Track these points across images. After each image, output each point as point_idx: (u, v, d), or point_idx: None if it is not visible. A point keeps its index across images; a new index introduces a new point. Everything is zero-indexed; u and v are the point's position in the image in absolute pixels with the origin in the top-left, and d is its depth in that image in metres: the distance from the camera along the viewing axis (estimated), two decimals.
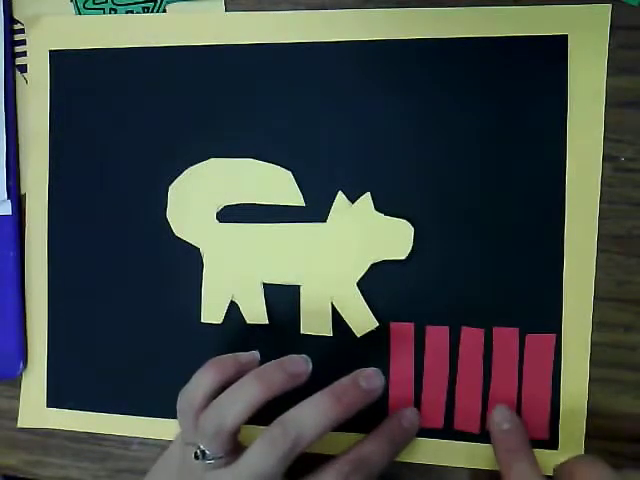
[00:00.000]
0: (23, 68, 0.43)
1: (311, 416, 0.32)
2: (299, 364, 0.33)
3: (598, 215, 0.35)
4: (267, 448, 0.31)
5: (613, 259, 0.36)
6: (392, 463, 0.36)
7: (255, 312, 0.39)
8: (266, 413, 0.32)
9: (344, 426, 0.33)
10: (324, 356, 0.37)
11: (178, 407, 0.35)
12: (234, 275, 0.39)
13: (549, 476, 0.34)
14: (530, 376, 0.36)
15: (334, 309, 0.38)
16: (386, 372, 0.37)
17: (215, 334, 0.40)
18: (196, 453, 0.33)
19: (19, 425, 0.44)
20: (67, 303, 0.42)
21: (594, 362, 0.36)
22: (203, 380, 0.34)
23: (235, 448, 0.33)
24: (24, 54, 0.43)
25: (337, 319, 0.38)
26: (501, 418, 0.36)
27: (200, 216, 0.40)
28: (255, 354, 0.35)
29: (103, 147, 0.42)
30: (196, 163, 0.40)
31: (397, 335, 0.38)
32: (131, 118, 0.41)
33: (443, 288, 0.37)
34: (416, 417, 0.37)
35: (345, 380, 0.34)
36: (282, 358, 0.34)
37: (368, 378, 0.34)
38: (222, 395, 0.33)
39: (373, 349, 0.38)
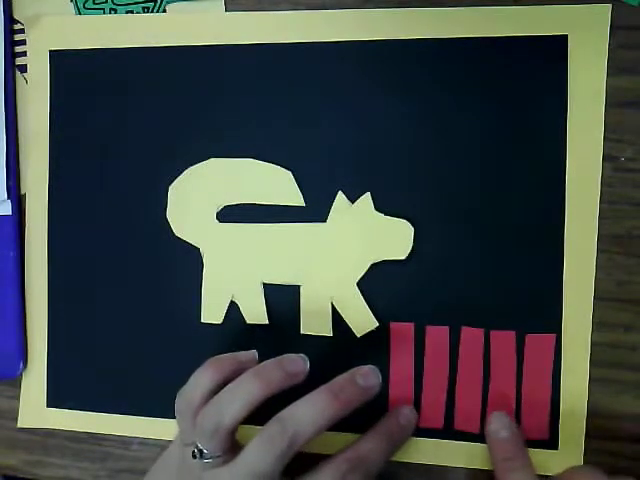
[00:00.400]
0: (23, 68, 0.43)
1: (308, 414, 0.32)
2: (297, 363, 0.33)
3: (598, 215, 0.35)
4: (265, 446, 0.31)
5: (613, 259, 0.36)
6: (392, 463, 0.36)
7: (255, 312, 0.39)
8: (264, 412, 0.32)
9: (343, 426, 0.33)
10: (324, 356, 0.37)
11: (176, 407, 0.35)
12: (234, 275, 0.39)
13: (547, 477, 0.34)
14: (530, 376, 0.36)
15: (334, 309, 0.38)
16: (386, 372, 0.37)
17: (215, 334, 0.40)
18: (194, 452, 0.33)
19: (19, 425, 0.44)
20: (67, 303, 0.42)
21: (594, 362, 0.36)
22: (201, 380, 0.34)
23: (233, 447, 0.33)
24: (24, 54, 0.43)
25: (337, 319, 0.38)
26: (499, 425, 0.35)
27: (200, 216, 0.40)
28: (253, 353, 0.36)
29: (103, 147, 0.42)
30: (196, 163, 0.40)
31: (397, 335, 0.38)
32: (131, 118, 0.41)
33: (443, 288, 0.37)
34: (413, 415, 0.37)
35: (342, 378, 0.34)
36: (280, 357, 0.34)
37: (365, 376, 0.34)
38: (220, 393, 0.33)
39: (373, 349, 0.38)
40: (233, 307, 0.40)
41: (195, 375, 0.34)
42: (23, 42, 0.43)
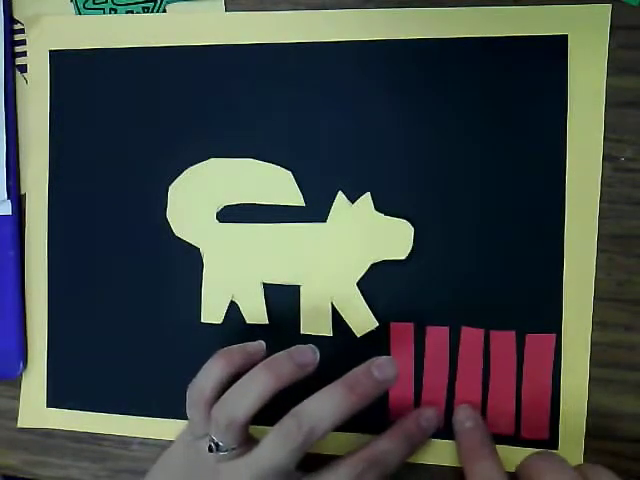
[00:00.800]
0: (23, 68, 0.43)
1: (324, 408, 0.32)
2: (307, 354, 0.34)
3: (598, 215, 0.35)
4: (281, 440, 0.32)
5: (613, 259, 0.36)
6: None
7: (255, 312, 0.39)
8: (273, 410, 0.32)
9: (344, 426, 0.33)
10: (324, 356, 0.37)
11: (188, 398, 0.35)
12: (234, 275, 0.39)
13: (512, 473, 0.34)
14: (530, 376, 0.36)
15: (334, 309, 0.38)
16: None
17: (215, 334, 0.40)
18: (210, 446, 0.33)
19: (19, 425, 0.44)
20: (67, 303, 0.42)
21: (594, 362, 0.36)
22: (212, 371, 0.34)
23: (247, 439, 0.34)
24: (24, 54, 0.43)
25: (337, 319, 0.38)
26: (464, 416, 0.36)
27: (200, 216, 0.40)
28: (262, 343, 0.36)
29: (103, 147, 0.42)
30: (196, 163, 0.40)
31: (397, 335, 0.38)
32: (131, 118, 0.41)
33: (443, 288, 0.37)
34: (435, 417, 0.36)
35: (358, 370, 0.33)
36: (290, 349, 0.34)
37: (380, 367, 0.33)
38: (233, 387, 0.33)
39: (373, 349, 0.38)
40: (233, 307, 0.40)
41: (206, 366, 0.35)
42: (23, 42, 0.43)
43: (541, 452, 0.33)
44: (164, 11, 0.41)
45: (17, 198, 0.43)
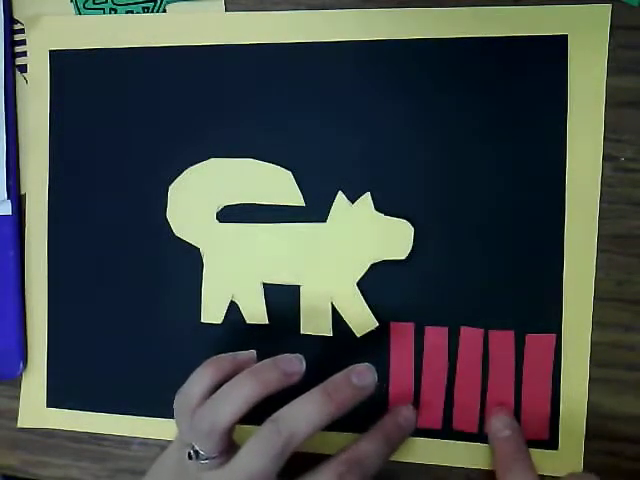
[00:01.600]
0: (23, 68, 0.43)
1: (303, 414, 0.32)
2: (293, 363, 0.33)
3: (598, 215, 0.35)
4: (260, 447, 0.31)
5: (613, 259, 0.36)
6: (391, 463, 0.36)
7: (255, 312, 0.39)
8: (262, 412, 0.32)
9: (342, 425, 0.33)
10: (324, 356, 0.37)
11: (175, 406, 0.35)
12: (234, 275, 0.39)
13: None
14: (530, 376, 0.36)
15: (334, 309, 0.38)
16: (386, 372, 0.37)
17: (215, 334, 0.40)
18: (190, 453, 0.33)
19: (19, 425, 0.44)
20: (67, 303, 0.42)
21: (594, 362, 0.36)
22: (201, 379, 0.34)
23: (229, 447, 0.33)
24: (24, 54, 0.43)
25: (337, 319, 0.38)
26: (501, 425, 0.35)
27: (200, 216, 0.40)
28: (252, 353, 0.35)
29: (103, 147, 0.42)
30: (196, 163, 0.40)
31: (397, 335, 0.38)
32: (131, 118, 0.41)
33: (443, 288, 0.37)
34: (412, 414, 0.37)
35: (337, 377, 0.33)
36: (277, 357, 0.34)
37: (360, 374, 0.33)
38: (216, 394, 0.33)
39: (373, 349, 0.38)
40: (233, 307, 0.40)
41: (194, 374, 0.34)
42: (23, 42, 0.43)
43: (577, 474, 0.33)
44: (164, 11, 0.41)
45: (17, 198, 0.43)
